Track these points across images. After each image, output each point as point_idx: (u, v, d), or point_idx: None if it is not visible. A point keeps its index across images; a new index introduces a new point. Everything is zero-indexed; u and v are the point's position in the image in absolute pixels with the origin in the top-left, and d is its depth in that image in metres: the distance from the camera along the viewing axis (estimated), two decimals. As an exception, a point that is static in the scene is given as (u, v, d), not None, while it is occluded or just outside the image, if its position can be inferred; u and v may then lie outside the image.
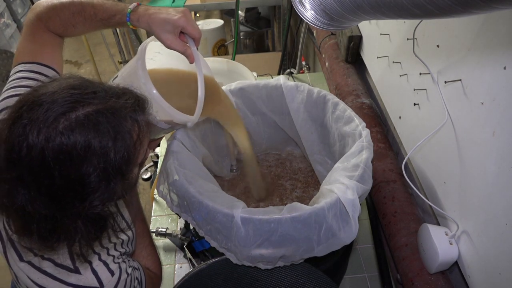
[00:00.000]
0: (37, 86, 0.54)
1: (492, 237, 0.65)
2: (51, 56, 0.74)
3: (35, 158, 0.48)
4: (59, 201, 0.51)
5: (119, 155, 0.52)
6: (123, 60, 2.31)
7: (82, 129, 0.49)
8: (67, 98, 0.50)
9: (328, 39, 1.60)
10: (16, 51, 0.76)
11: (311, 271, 0.77)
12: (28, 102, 0.50)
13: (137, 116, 0.56)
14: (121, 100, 0.54)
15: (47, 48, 0.75)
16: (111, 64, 2.40)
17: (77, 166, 0.49)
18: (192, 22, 0.72)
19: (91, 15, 0.72)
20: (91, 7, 0.72)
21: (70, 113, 0.49)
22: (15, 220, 0.54)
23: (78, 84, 0.53)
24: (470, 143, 0.70)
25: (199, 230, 0.76)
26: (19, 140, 0.48)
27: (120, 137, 0.52)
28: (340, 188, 0.72)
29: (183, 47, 0.73)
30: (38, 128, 0.48)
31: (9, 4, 2.87)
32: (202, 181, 0.79)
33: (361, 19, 0.67)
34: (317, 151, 1.06)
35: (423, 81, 0.87)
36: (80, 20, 0.73)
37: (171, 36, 0.71)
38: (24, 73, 0.70)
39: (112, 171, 0.52)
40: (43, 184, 0.49)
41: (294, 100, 1.01)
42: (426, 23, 0.84)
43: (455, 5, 0.42)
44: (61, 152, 0.48)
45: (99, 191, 0.52)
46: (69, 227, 0.53)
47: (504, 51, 0.60)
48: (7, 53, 2.46)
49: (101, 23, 0.74)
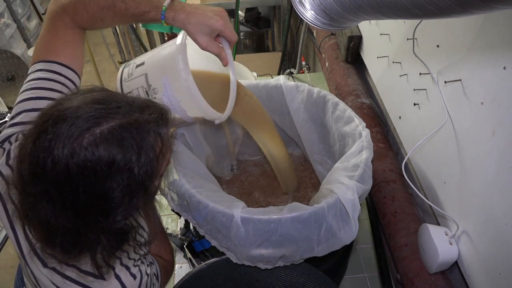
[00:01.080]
0: (61, 99, 0.53)
1: (492, 237, 0.65)
2: (73, 54, 0.72)
3: (60, 173, 0.48)
4: (83, 216, 0.51)
5: (142, 170, 0.52)
6: (123, 60, 2.31)
7: (106, 144, 0.49)
8: (92, 113, 0.50)
9: (328, 39, 1.60)
10: (36, 44, 0.73)
11: (311, 271, 0.77)
12: (52, 116, 0.50)
13: (161, 129, 0.56)
14: (145, 114, 0.54)
15: (69, 46, 0.72)
16: (111, 64, 2.40)
17: (101, 181, 0.49)
18: (230, 25, 0.71)
19: (122, 10, 0.69)
20: (122, 2, 0.68)
21: (95, 128, 0.49)
22: (39, 231, 0.55)
23: (102, 99, 0.53)
24: (470, 143, 0.70)
25: (199, 229, 0.76)
26: (44, 154, 0.48)
27: (144, 152, 0.52)
28: (340, 188, 0.72)
29: (218, 49, 0.72)
30: (63, 143, 0.47)
31: (9, 4, 2.87)
32: (202, 181, 0.79)
33: (361, 19, 0.67)
34: (317, 151, 1.06)
35: (423, 81, 0.87)
36: (110, 15, 0.70)
37: (207, 38, 0.70)
38: (43, 73, 0.69)
39: (135, 187, 0.52)
40: (68, 199, 0.49)
41: (294, 100, 1.01)
42: (426, 23, 0.84)
43: (455, 5, 0.42)
44: (85, 167, 0.48)
45: (122, 206, 0.52)
46: (92, 241, 0.53)
47: (504, 51, 0.60)
48: (7, 53, 2.46)
49: (132, 18, 0.71)
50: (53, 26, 0.71)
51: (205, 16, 0.68)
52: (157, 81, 0.73)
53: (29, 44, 3.01)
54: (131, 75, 0.75)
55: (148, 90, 0.73)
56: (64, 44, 0.71)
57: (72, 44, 0.72)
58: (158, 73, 0.73)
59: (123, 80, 0.76)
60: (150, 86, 0.73)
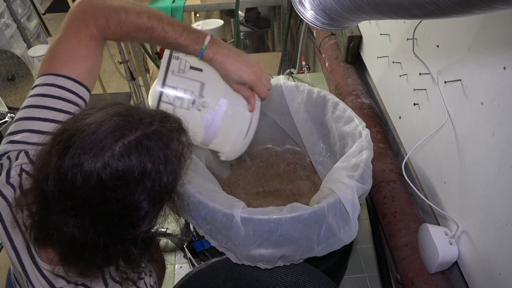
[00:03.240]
0: (81, 114, 0.53)
1: (492, 237, 0.65)
2: (90, 69, 0.67)
3: (92, 186, 0.47)
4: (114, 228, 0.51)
5: (170, 178, 0.52)
6: (123, 60, 2.31)
7: (137, 154, 0.49)
8: (118, 125, 0.50)
9: (328, 39, 1.60)
10: (52, 50, 0.65)
11: (311, 271, 0.77)
12: (78, 131, 0.49)
13: (182, 138, 0.56)
14: (166, 124, 0.54)
15: (88, 60, 0.66)
16: (111, 64, 2.40)
17: (133, 191, 0.49)
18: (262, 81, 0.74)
19: (159, 38, 0.68)
20: (162, 29, 0.67)
21: (123, 139, 0.49)
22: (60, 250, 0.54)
23: (124, 111, 0.53)
24: (470, 143, 0.70)
25: (199, 230, 0.76)
26: (73, 169, 0.47)
27: (170, 160, 0.52)
28: (340, 188, 0.72)
29: (248, 93, 0.75)
30: (94, 155, 0.47)
31: (9, 4, 2.86)
32: (202, 181, 0.79)
33: (361, 19, 0.67)
34: (318, 152, 1.06)
35: (423, 81, 0.87)
36: (145, 37, 0.68)
37: (237, 84, 0.74)
38: (55, 89, 0.63)
39: (163, 194, 0.52)
40: (99, 212, 0.49)
41: (294, 100, 1.01)
42: (426, 23, 0.84)
43: (455, 5, 0.42)
44: (118, 178, 0.48)
45: (151, 214, 0.52)
46: (120, 252, 0.54)
47: (504, 51, 0.60)
48: (7, 53, 2.46)
49: (167, 46, 0.71)
50: (75, 35, 0.65)
51: (239, 68, 0.71)
52: (213, 98, 0.74)
53: (29, 44, 3.00)
54: (183, 72, 0.74)
55: (197, 99, 0.73)
56: (82, 56, 0.66)
57: (90, 58, 0.67)
58: (218, 92, 0.75)
59: (171, 71, 0.73)
60: (202, 97, 0.74)
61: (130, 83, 2.42)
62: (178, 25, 0.69)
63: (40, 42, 3.22)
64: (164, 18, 0.68)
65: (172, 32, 0.68)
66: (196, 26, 2.47)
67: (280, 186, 1.12)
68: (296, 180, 1.13)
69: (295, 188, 1.11)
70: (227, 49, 0.72)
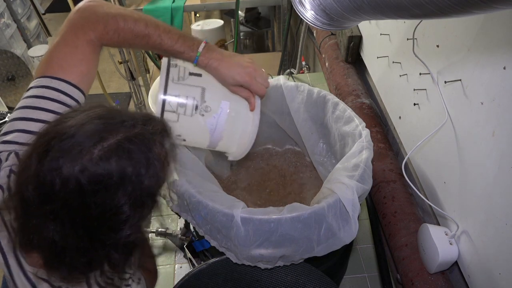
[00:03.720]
0: (63, 117, 0.53)
1: (492, 237, 0.65)
2: (85, 73, 0.68)
3: (71, 190, 0.47)
4: (94, 232, 0.50)
5: (151, 181, 0.52)
6: (123, 60, 2.30)
7: (116, 157, 0.49)
8: (98, 128, 0.50)
9: (328, 39, 1.60)
10: (49, 54, 0.66)
11: (311, 271, 0.77)
12: (58, 134, 0.49)
13: (165, 141, 0.56)
14: (149, 126, 0.54)
15: (84, 64, 0.67)
16: (111, 64, 2.39)
17: (113, 195, 0.49)
18: (257, 79, 0.74)
19: (156, 44, 0.70)
20: (158, 36, 0.69)
21: (103, 142, 0.49)
22: (42, 255, 0.53)
23: (105, 114, 0.53)
24: (470, 143, 0.70)
25: (199, 229, 0.76)
26: (52, 173, 0.47)
27: (152, 164, 0.52)
28: (340, 187, 0.72)
29: (247, 94, 0.76)
30: (72, 159, 0.47)
31: (9, 4, 2.87)
32: (202, 181, 0.79)
33: (361, 19, 0.67)
34: (318, 152, 1.06)
35: (423, 81, 0.87)
36: (141, 44, 0.70)
37: (234, 86, 0.75)
38: (49, 91, 0.64)
39: (145, 198, 0.52)
40: (78, 216, 0.49)
41: (294, 100, 1.01)
42: (426, 23, 0.84)
43: (455, 5, 0.42)
44: (96, 182, 0.48)
45: (132, 218, 0.51)
46: (102, 257, 0.53)
47: (504, 51, 0.60)
48: (7, 53, 2.46)
49: (163, 52, 0.72)
50: (73, 40, 0.66)
51: (232, 70, 0.73)
52: (214, 101, 0.75)
53: (29, 44, 3.01)
54: (183, 79, 0.75)
55: (199, 104, 0.74)
56: (79, 61, 0.67)
57: (86, 62, 0.68)
58: (219, 95, 0.76)
59: (171, 79, 0.74)
60: (204, 102, 0.75)
61: (130, 83, 2.42)
62: (174, 33, 0.70)
63: (40, 42, 3.22)
64: (160, 25, 0.70)
65: (168, 39, 0.70)
66: (196, 26, 2.47)
67: (280, 186, 1.12)
68: (296, 180, 1.13)
69: (295, 188, 1.11)
70: (220, 54, 0.73)
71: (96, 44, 0.68)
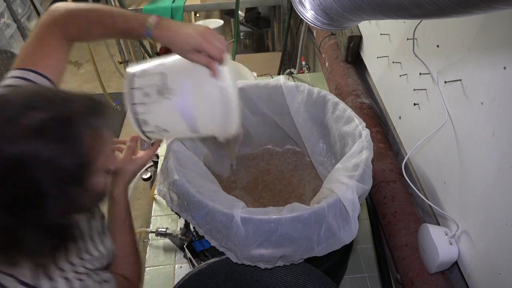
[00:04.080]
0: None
1: (492, 237, 0.65)
2: (53, 64, 0.73)
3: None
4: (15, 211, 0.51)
5: (70, 161, 0.53)
6: (123, 60, 2.31)
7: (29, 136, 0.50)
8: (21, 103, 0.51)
9: (328, 39, 1.60)
10: (20, 51, 0.74)
11: (311, 271, 0.77)
12: None
13: (92, 121, 0.57)
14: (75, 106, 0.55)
15: (51, 56, 0.73)
16: (111, 64, 2.40)
17: (27, 173, 0.50)
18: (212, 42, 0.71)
19: (110, 26, 0.72)
20: (110, 17, 0.72)
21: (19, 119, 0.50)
22: None
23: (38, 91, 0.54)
24: (470, 143, 0.70)
25: (199, 229, 0.76)
26: None
27: (70, 144, 0.53)
28: (340, 187, 0.72)
29: (206, 60, 0.72)
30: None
31: (9, 4, 2.87)
32: (202, 181, 0.79)
33: (361, 19, 0.67)
34: (318, 152, 1.06)
35: (423, 81, 0.87)
36: (98, 29, 0.73)
37: (191, 54, 0.72)
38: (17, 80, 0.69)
39: (64, 178, 0.52)
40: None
41: (294, 100, 1.01)
42: (426, 23, 0.84)
43: (455, 5, 0.42)
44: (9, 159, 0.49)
45: (51, 197, 0.52)
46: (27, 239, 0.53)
47: (504, 51, 0.60)
48: (7, 53, 2.46)
49: (120, 34, 0.75)
50: (40, 35, 0.73)
51: (185, 35, 0.70)
52: (175, 81, 0.73)
53: (29, 44, 3.00)
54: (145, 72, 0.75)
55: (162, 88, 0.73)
56: (46, 53, 0.73)
57: (54, 54, 0.74)
58: (179, 74, 0.74)
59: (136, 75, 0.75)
60: (165, 85, 0.73)
61: (130, 83, 2.41)
62: (128, 13, 0.73)
63: (40, 42, 3.22)
64: (114, 10, 0.73)
65: (119, 17, 0.72)
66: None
67: (280, 186, 1.12)
68: (296, 180, 1.13)
69: (295, 188, 1.11)
70: (173, 24, 0.72)
71: (60, 38, 0.74)
